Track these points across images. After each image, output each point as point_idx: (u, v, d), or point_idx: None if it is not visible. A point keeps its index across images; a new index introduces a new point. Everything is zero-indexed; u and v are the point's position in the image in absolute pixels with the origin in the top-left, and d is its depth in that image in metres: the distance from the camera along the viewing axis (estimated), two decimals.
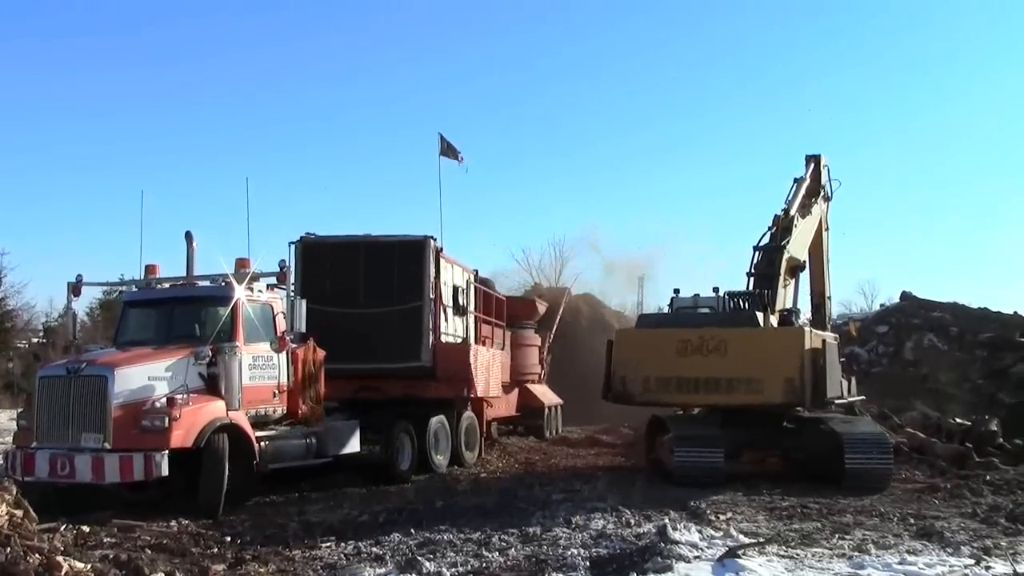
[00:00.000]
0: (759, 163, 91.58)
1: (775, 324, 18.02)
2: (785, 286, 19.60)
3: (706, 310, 19.27)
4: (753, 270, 19.38)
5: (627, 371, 17.77)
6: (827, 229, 23.20)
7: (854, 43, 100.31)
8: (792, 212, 20.14)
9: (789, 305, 19.74)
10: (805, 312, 21.87)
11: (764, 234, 19.78)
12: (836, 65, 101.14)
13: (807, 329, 17.94)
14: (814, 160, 22.53)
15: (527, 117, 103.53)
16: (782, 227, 19.68)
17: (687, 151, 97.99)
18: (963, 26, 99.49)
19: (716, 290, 19.67)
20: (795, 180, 21.61)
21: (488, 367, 21.41)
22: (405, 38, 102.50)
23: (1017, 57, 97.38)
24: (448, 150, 23.40)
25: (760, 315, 17.78)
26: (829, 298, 23.30)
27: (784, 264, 19.24)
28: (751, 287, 19.17)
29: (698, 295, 20.11)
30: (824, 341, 17.65)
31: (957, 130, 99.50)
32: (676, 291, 20.28)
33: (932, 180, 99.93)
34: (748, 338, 17.29)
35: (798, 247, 20.21)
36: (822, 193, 22.59)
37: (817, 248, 22.66)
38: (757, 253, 19.52)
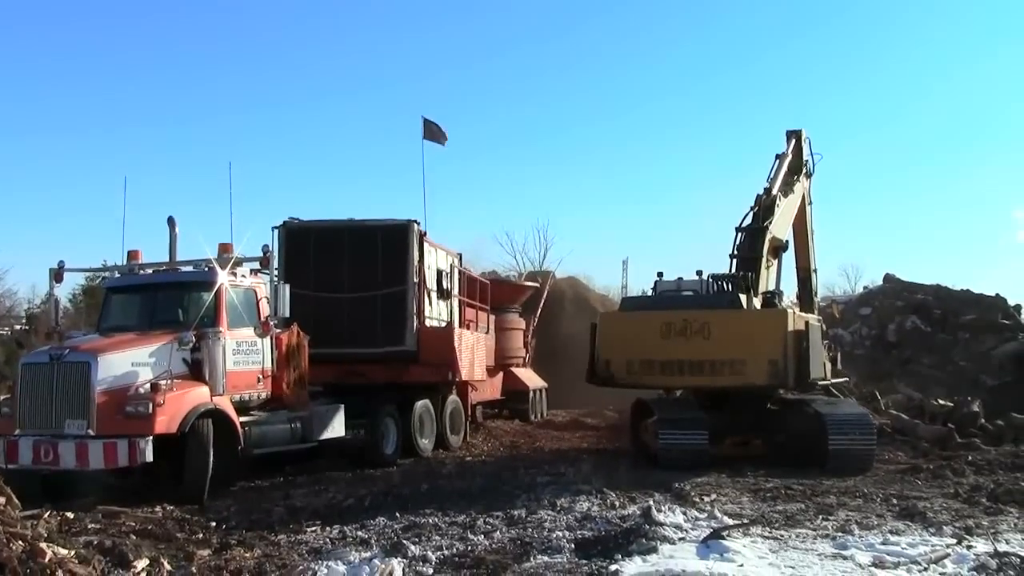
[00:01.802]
0: (744, 145, 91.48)
1: (758, 306, 18.06)
2: (768, 267, 19.54)
3: (689, 293, 19.29)
4: (736, 252, 19.39)
5: (611, 354, 17.85)
6: (810, 203, 23.07)
7: (836, 25, 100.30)
8: (774, 191, 20.05)
9: (772, 287, 19.74)
10: (789, 294, 21.92)
11: (746, 215, 19.74)
12: (818, 47, 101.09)
13: (790, 311, 18.00)
14: (795, 135, 22.37)
15: (511, 100, 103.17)
16: (764, 207, 19.64)
17: (675, 134, 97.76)
18: (948, 6, 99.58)
19: (699, 273, 19.67)
20: (777, 157, 21.53)
21: (473, 351, 21.41)
22: (387, 21, 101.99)
23: (1003, 38, 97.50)
24: (432, 133, 23.28)
25: (743, 297, 17.81)
26: (815, 271, 23.23)
27: (767, 245, 19.24)
28: (734, 269, 19.18)
29: (681, 278, 20.11)
30: (807, 323, 17.73)
31: (939, 112, 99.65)
32: (660, 274, 20.29)
33: (914, 162, 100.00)
34: (731, 320, 17.35)
35: (781, 227, 20.18)
36: (804, 169, 22.46)
37: (801, 223, 22.56)
38: (740, 235, 19.52)
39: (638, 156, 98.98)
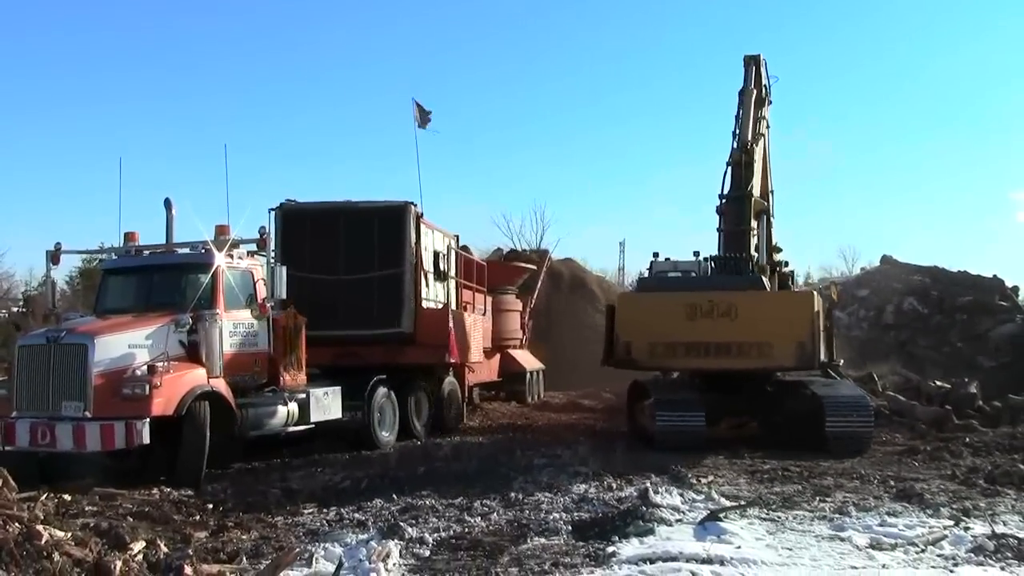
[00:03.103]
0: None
1: (768, 283, 17.97)
2: (755, 235, 19.48)
3: (677, 274, 19.29)
4: (723, 227, 19.26)
5: (632, 336, 17.32)
6: (768, 127, 22.34)
7: (832, 3, 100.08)
8: (748, 143, 19.70)
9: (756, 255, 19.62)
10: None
11: (724, 173, 19.51)
12: (814, 26, 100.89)
13: (815, 292, 17.90)
14: (753, 62, 21.68)
15: (507, 81, 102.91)
16: (744, 165, 19.37)
17: (672, 114, 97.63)
18: None
19: (696, 254, 19.66)
20: (740, 94, 21.01)
21: (469, 332, 21.39)
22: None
23: (1004, 17, 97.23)
24: (420, 116, 23.14)
25: (766, 279, 17.69)
26: (772, 192, 22.28)
27: (751, 211, 19.10)
28: (723, 245, 19.07)
29: (676, 261, 20.14)
30: (823, 305, 17.63)
31: (937, 93, 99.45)
32: (655, 255, 20.30)
33: (911, 144, 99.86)
34: (758, 301, 17.25)
35: (761, 187, 19.95)
36: (766, 99, 22.01)
37: (761, 155, 21.79)
38: (724, 205, 19.43)
39: (633, 137, 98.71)
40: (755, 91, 21.11)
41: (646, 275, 20.69)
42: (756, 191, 19.57)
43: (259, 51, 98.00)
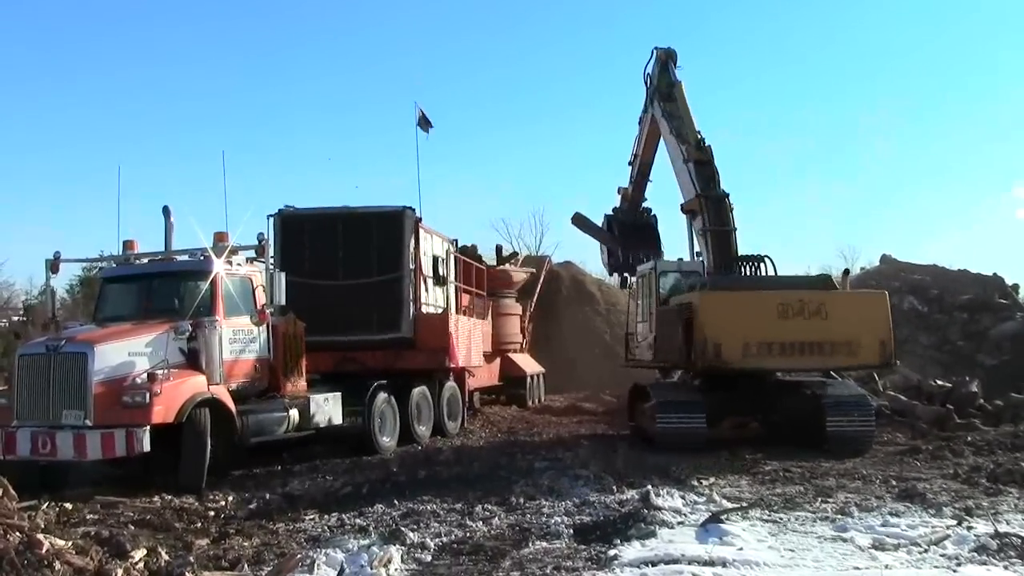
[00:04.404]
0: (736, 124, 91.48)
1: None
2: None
3: (677, 274, 19.33)
4: (707, 226, 19.40)
5: (722, 337, 16.62)
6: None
7: (836, 14, 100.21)
8: (700, 140, 20.28)
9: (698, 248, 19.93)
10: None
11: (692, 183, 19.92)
12: (812, 30, 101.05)
13: (887, 293, 17.98)
14: (667, 55, 22.45)
15: (507, 83, 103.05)
16: (703, 164, 19.88)
17: None
18: None
19: (698, 255, 19.69)
20: (662, 102, 21.89)
21: (469, 337, 21.40)
22: (382, 4, 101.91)
23: (996, 16, 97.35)
24: (421, 121, 23.14)
25: (836, 278, 17.85)
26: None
27: (730, 210, 19.55)
28: (711, 246, 19.26)
29: (681, 259, 20.17)
30: None
31: (936, 90, 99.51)
32: (644, 258, 20.36)
33: (910, 142, 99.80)
34: (845, 301, 17.31)
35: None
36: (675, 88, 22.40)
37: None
38: (706, 203, 19.58)
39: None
40: (676, 84, 21.71)
41: (633, 279, 20.72)
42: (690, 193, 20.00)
43: (256, 57, 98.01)
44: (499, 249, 32.18)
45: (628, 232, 25.98)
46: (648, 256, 24.33)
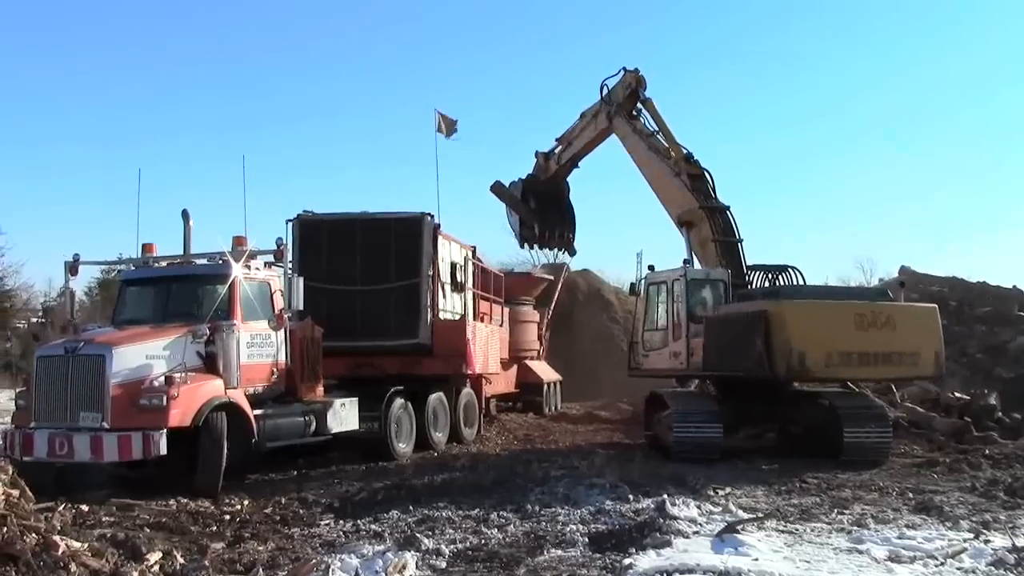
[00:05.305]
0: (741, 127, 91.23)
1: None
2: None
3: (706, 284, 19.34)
4: (716, 237, 19.75)
5: (807, 346, 16.37)
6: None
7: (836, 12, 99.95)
8: (686, 153, 20.78)
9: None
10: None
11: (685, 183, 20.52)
12: (812, 37, 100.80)
13: (936, 306, 18.11)
14: (636, 80, 22.88)
15: (529, 90, 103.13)
16: (701, 175, 20.54)
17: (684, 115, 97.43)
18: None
19: (686, 262, 19.75)
20: (629, 121, 22.67)
21: (486, 344, 21.40)
22: (401, 7, 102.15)
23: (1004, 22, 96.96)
24: (445, 126, 23.18)
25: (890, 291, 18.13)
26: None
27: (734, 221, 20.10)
28: (713, 256, 19.69)
29: (707, 269, 20.17)
30: None
31: (956, 102, 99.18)
32: (651, 268, 20.34)
33: (928, 154, 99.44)
34: (908, 312, 17.29)
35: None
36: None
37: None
38: (710, 215, 20.02)
39: None
40: (651, 100, 22.37)
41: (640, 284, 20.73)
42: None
43: (277, 62, 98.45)
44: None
45: (546, 205, 27.02)
46: (564, 234, 26.77)
